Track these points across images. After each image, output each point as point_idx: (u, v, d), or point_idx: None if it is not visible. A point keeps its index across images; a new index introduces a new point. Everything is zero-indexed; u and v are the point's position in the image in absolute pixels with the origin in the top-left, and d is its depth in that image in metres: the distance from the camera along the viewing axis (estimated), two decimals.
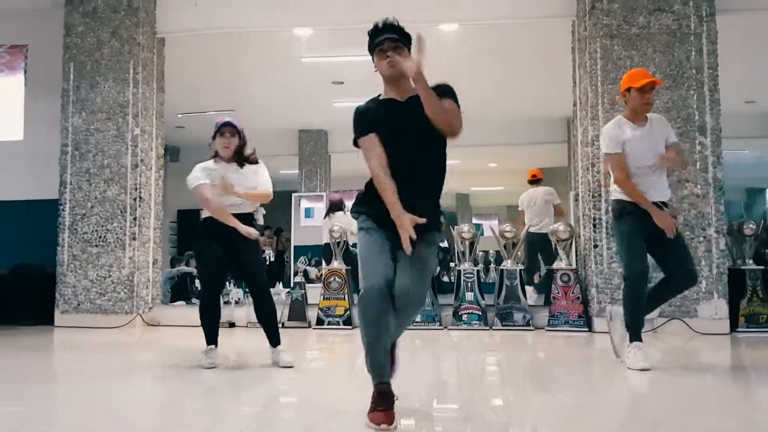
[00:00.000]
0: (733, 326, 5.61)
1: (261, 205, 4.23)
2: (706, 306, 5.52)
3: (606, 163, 4.19)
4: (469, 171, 14.55)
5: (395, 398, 2.57)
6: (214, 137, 4.14)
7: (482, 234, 14.54)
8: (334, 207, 7.47)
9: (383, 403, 2.50)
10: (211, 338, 4.13)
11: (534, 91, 9.30)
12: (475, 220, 15.99)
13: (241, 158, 4.14)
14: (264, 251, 12.15)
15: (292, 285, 6.19)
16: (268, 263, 11.74)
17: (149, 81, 6.46)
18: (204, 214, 4.12)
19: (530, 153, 12.63)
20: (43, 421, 2.86)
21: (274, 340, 4.10)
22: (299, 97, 9.80)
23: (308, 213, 9.30)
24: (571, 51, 6.21)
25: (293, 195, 11.19)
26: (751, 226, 5.86)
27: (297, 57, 8.07)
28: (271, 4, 6.49)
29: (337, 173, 12.75)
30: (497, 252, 10.38)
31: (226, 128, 4.12)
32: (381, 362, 2.58)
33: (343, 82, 9.04)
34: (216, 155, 4.16)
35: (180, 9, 6.56)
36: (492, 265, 11.68)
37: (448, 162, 2.76)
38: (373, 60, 2.79)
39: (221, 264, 4.09)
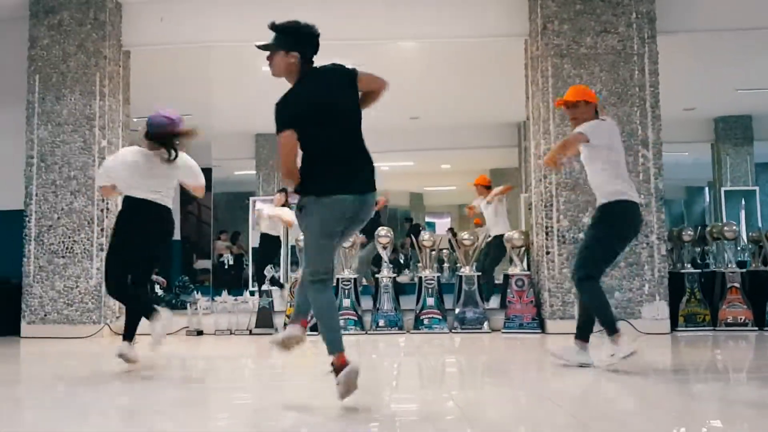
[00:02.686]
0: (674, 326, 6.05)
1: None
2: (648, 307, 5.95)
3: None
4: (423, 172, 14.91)
5: None
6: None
7: (434, 231, 14.91)
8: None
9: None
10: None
11: (487, 99, 9.65)
12: (428, 219, 16.38)
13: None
14: (222, 255, 12.28)
15: (256, 291, 6.38)
16: (226, 267, 11.86)
17: (115, 93, 6.56)
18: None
19: (482, 155, 13.02)
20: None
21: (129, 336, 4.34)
22: (257, 103, 9.81)
23: None
24: (524, 68, 6.56)
25: (250, 198, 11.26)
26: (689, 232, 6.34)
27: (258, 66, 8.21)
28: (234, 20, 6.66)
29: None
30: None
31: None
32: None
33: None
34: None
35: (146, 23, 6.68)
36: (446, 264, 12.08)
37: (402, 164, 3.15)
38: None
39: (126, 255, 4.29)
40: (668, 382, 3.97)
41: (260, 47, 3.11)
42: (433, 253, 6.58)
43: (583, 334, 4.18)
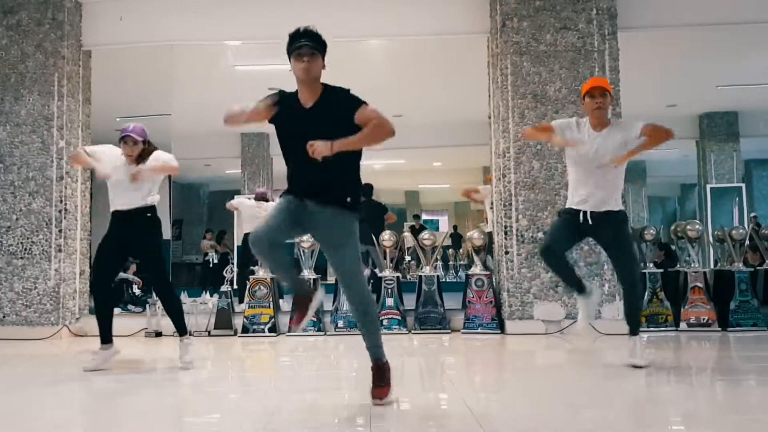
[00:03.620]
0: None
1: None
2: (609, 308, 5.88)
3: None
4: (416, 170, 14.91)
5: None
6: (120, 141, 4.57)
7: (437, 229, 14.90)
8: (259, 198, 8.41)
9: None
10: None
11: (467, 96, 9.58)
12: (425, 216, 16.39)
13: (141, 159, 4.54)
14: (207, 254, 12.28)
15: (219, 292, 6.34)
16: (211, 266, 11.86)
17: (74, 93, 6.52)
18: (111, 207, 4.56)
19: (473, 153, 12.98)
20: None
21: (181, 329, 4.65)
22: (236, 102, 9.89)
23: None
24: (487, 65, 6.49)
25: (236, 197, 11.32)
26: (651, 231, 6.25)
27: (229, 65, 8.20)
28: (198, 19, 6.63)
29: (279, 174, 12.92)
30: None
31: (128, 138, 4.52)
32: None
33: (279, 89, 9.18)
34: None
35: (106, 23, 6.64)
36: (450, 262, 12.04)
37: (393, 161, 3.21)
38: (290, 61, 3.11)
39: (112, 258, 4.55)
40: (624, 381, 3.99)
41: (312, 46, 3.08)
42: (395, 253, 6.51)
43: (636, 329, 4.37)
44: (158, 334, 6.25)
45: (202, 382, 4.32)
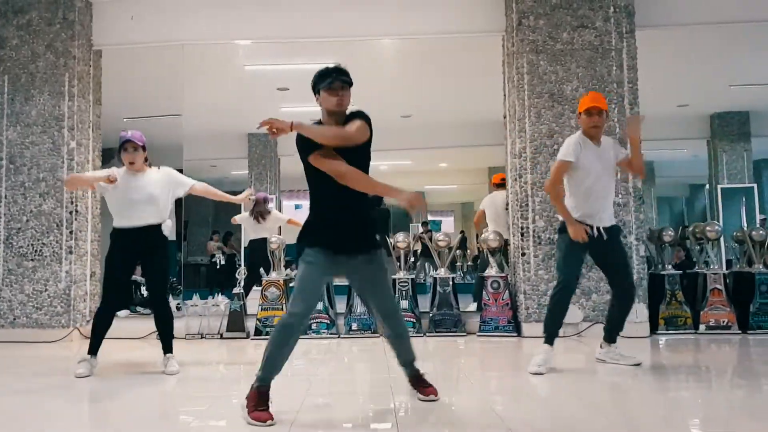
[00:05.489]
0: (653, 329, 5.89)
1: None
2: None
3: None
4: (421, 171, 14.81)
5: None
6: (118, 151, 4.44)
7: (439, 230, 14.82)
8: (260, 201, 8.22)
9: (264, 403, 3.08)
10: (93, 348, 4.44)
11: (476, 96, 9.53)
12: (431, 217, 16.29)
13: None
14: (214, 255, 12.23)
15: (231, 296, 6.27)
16: (218, 267, 11.81)
17: (85, 94, 6.46)
18: (114, 224, 4.43)
19: (479, 153, 12.97)
20: None
21: (166, 348, 4.50)
22: (245, 103, 9.85)
23: None
24: (502, 65, 6.41)
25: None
26: (670, 233, 6.16)
27: (240, 65, 8.14)
28: (209, 19, 6.57)
29: (286, 175, 12.85)
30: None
31: (129, 144, 4.38)
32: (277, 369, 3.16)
33: (288, 89, 9.13)
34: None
35: (117, 22, 6.58)
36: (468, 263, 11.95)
37: (399, 163, 3.22)
38: (317, 95, 3.23)
39: (120, 275, 4.44)
40: (645, 385, 3.92)
41: (345, 80, 3.21)
42: (408, 255, 6.43)
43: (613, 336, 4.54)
44: None
45: (215, 386, 4.25)
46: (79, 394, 4.02)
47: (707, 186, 12.77)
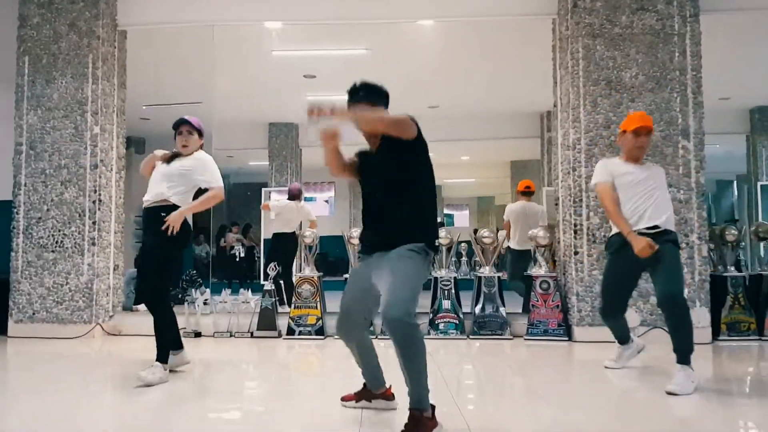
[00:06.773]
0: (715, 335, 5.50)
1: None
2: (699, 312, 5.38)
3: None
4: (442, 164, 14.42)
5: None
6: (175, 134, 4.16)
7: (452, 224, 14.49)
8: (293, 196, 7.92)
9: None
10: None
11: (508, 87, 9.25)
12: (446, 210, 15.94)
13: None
14: (233, 247, 11.92)
15: (261, 292, 5.91)
16: (237, 259, 11.50)
17: (109, 76, 6.10)
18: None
19: (503, 147, 12.71)
20: None
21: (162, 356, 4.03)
22: (269, 91, 9.53)
23: None
24: (552, 50, 6.00)
25: (263, 189, 10.98)
26: (733, 231, 5.75)
27: (267, 50, 7.78)
28: None
29: (308, 167, 12.52)
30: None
31: (184, 126, 4.11)
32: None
33: (315, 76, 8.78)
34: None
35: (143, 1, 6.21)
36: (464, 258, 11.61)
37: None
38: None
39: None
40: (708, 395, 3.61)
41: (370, 100, 3.09)
42: (450, 252, 6.05)
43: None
44: (197, 335, 5.84)
45: (243, 388, 3.90)
46: (100, 392, 3.71)
47: (735, 182, 12.38)
